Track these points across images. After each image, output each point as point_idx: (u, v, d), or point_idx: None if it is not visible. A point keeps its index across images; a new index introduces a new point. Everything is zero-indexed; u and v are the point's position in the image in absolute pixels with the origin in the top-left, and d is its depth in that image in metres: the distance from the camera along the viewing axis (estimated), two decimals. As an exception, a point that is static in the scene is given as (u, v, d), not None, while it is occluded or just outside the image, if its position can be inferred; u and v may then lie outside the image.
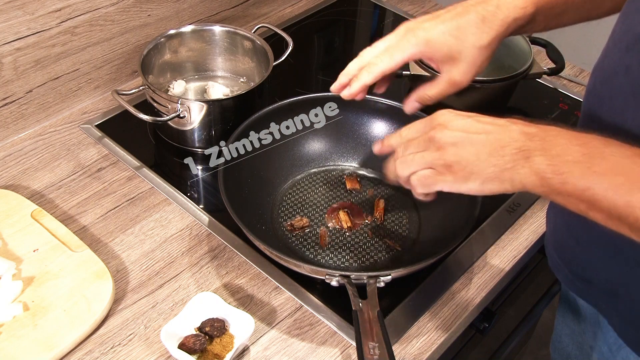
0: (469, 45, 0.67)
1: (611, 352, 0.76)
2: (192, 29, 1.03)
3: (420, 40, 0.68)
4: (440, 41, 0.68)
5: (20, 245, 0.77)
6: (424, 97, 0.73)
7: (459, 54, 0.68)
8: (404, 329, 0.74)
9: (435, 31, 0.68)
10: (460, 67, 0.69)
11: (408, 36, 0.69)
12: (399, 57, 0.69)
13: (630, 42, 0.59)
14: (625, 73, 0.59)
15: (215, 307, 0.71)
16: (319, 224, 0.85)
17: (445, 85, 0.71)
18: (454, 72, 0.69)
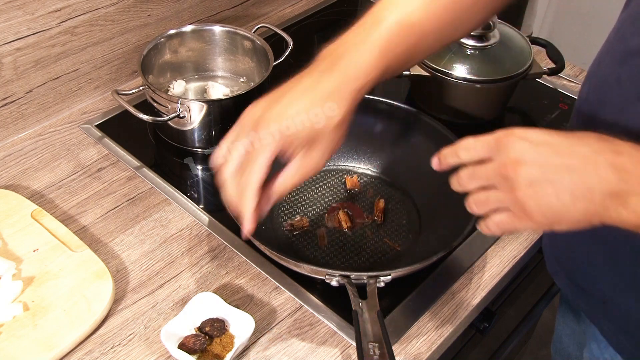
0: (324, 127, 0.60)
1: (600, 349, 0.76)
2: (192, 29, 1.03)
3: (276, 136, 0.60)
4: (297, 126, 0.60)
5: (20, 245, 0.77)
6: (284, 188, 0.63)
7: (316, 138, 0.61)
8: (404, 329, 0.74)
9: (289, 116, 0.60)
10: (317, 150, 0.62)
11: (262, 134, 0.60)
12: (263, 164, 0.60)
13: (623, 54, 0.59)
14: (616, 84, 0.59)
15: (215, 307, 0.71)
16: (319, 224, 0.85)
17: (303, 170, 0.62)
18: (311, 157, 0.62)
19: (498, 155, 0.52)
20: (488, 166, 0.53)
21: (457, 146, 0.56)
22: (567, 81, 1.14)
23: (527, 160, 0.50)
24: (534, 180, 0.50)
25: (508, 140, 0.52)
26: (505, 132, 0.52)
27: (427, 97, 1.04)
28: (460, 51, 0.99)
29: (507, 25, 1.05)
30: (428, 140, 0.88)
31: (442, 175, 0.86)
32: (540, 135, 0.51)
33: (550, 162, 0.50)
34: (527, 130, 0.52)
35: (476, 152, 0.54)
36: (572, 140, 0.50)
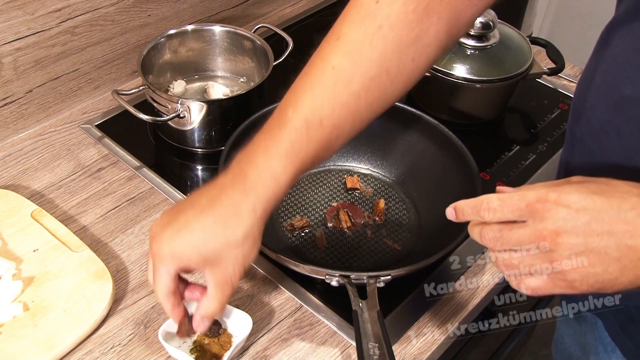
0: (222, 246, 0.58)
1: (606, 352, 0.76)
2: (192, 29, 1.03)
3: (167, 258, 0.59)
4: (188, 251, 0.58)
5: (20, 245, 0.77)
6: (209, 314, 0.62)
7: (217, 256, 0.58)
8: (404, 329, 0.74)
9: (179, 241, 0.58)
10: (223, 268, 0.59)
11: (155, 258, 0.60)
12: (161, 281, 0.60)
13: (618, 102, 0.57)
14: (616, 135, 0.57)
15: None
16: (319, 224, 0.85)
17: (218, 290, 0.61)
18: (220, 275, 0.60)
19: (532, 223, 0.47)
20: (521, 233, 0.48)
21: (480, 204, 0.51)
22: (567, 81, 1.14)
23: (567, 230, 0.46)
24: (576, 251, 0.46)
25: (544, 208, 0.47)
26: (538, 197, 0.47)
27: (427, 97, 1.04)
28: (460, 51, 0.99)
29: (507, 25, 1.05)
30: (428, 140, 0.88)
31: (442, 175, 0.86)
32: (578, 199, 0.46)
33: (594, 230, 0.45)
34: (562, 192, 0.47)
35: (503, 215, 0.49)
36: (615, 202, 0.46)
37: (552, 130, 1.03)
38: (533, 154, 0.99)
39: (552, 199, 0.47)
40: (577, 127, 0.65)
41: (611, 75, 0.58)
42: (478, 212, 0.51)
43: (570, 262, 0.46)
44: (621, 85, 0.56)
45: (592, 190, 0.47)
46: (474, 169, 0.80)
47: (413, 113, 0.89)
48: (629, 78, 0.56)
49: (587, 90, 0.63)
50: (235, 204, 0.58)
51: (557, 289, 0.48)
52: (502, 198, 0.49)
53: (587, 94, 0.63)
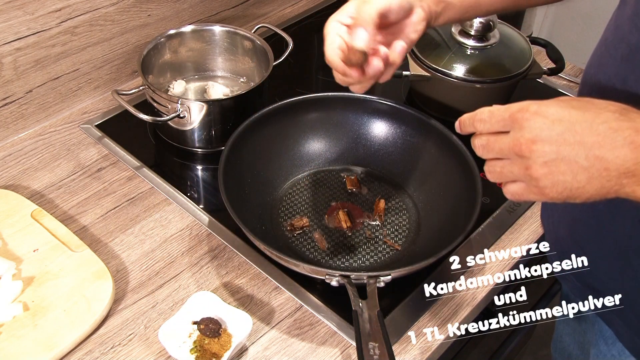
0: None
1: (607, 345, 0.76)
2: (192, 29, 1.03)
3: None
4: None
5: (20, 245, 0.77)
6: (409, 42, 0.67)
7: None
8: (404, 329, 0.74)
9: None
10: None
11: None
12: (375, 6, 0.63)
13: (625, 52, 0.58)
14: (622, 85, 0.59)
15: (213, 306, 0.71)
16: (319, 224, 0.85)
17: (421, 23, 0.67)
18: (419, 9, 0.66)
19: (512, 131, 0.51)
20: (502, 141, 0.52)
21: (474, 116, 0.55)
22: (567, 81, 1.14)
23: (542, 138, 0.49)
24: (548, 159, 0.49)
25: (523, 117, 0.50)
26: (520, 107, 0.51)
27: (427, 97, 1.04)
28: (460, 51, 0.99)
29: (507, 25, 1.05)
30: (428, 140, 0.88)
31: (442, 176, 0.86)
32: (556, 111, 0.49)
33: (566, 139, 0.48)
34: (542, 104, 0.50)
35: (491, 125, 0.53)
36: (589, 115, 0.48)
37: (552, 130, 1.03)
38: (533, 154, 0.98)
39: (532, 109, 0.50)
40: (585, 88, 0.65)
41: (621, 28, 0.59)
42: (473, 123, 0.56)
43: (542, 168, 0.49)
44: (630, 35, 0.57)
45: (572, 105, 0.50)
46: (474, 169, 0.80)
47: (413, 113, 0.89)
48: (636, 27, 0.57)
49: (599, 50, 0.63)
50: None
51: (531, 195, 0.51)
52: (491, 110, 0.54)
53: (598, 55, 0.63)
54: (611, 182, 0.47)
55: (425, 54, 0.99)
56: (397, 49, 0.66)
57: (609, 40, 0.62)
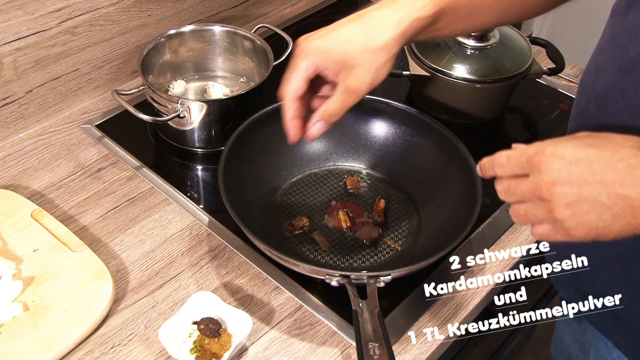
0: (362, 49, 0.63)
1: (607, 348, 0.76)
2: (192, 29, 1.03)
3: (310, 52, 0.64)
4: (331, 48, 0.63)
5: (20, 245, 0.77)
6: (326, 115, 0.66)
7: (354, 59, 0.63)
8: (404, 329, 0.74)
9: (326, 39, 0.64)
10: (355, 73, 0.63)
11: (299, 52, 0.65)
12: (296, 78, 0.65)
13: (624, 64, 0.58)
14: (622, 96, 0.59)
15: (212, 306, 0.71)
16: (319, 224, 0.85)
17: (343, 96, 0.65)
18: (349, 80, 0.64)
19: (532, 175, 0.51)
20: (523, 185, 0.52)
21: (493, 160, 0.55)
22: (567, 81, 1.14)
23: (562, 180, 0.49)
24: (570, 201, 0.48)
25: (540, 160, 0.50)
26: (536, 150, 0.51)
27: (427, 97, 1.04)
28: (460, 51, 0.99)
29: (507, 25, 1.05)
30: (428, 140, 0.88)
31: (442, 176, 0.86)
32: (572, 151, 0.49)
33: (586, 180, 0.48)
34: (558, 145, 0.50)
35: (510, 169, 0.53)
36: (607, 154, 0.48)
37: (552, 130, 1.03)
38: (533, 154, 0.98)
39: (548, 152, 0.50)
40: (582, 98, 0.65)
41: (619, 39, 0.59)
42: (492, 167, 0.55)
43: (566, 211, 0.49)
44: (629, 47, 0.57)
45: (588, 143, 0.50)
46: (474, 169, 0.80)
47: (413, 113, 0.89)
48: (636, 38, 0.57)
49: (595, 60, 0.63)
50: (383, 18, 0.64)
51: (558, 236, 0.51)
52: (508, 154, 0.53)
53: (595, 64, 0.63)
54: (637, 218, 0.47)
55: (425, 54, 0.99)
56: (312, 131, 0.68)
57: (606, 51, 0.62)
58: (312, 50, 0.64)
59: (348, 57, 0.63)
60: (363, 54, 0.63)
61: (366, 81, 0.64)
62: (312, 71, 0.65)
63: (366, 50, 0.63)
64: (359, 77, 0.63)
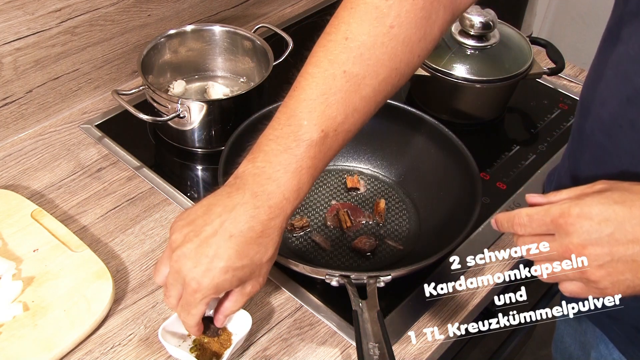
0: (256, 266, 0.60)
1: (607, 348, 0.76)
2: (192, 29, 1.03)
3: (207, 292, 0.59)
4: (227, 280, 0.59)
5: (20, 245, 0.77)
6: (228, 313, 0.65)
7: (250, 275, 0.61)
8: (404, 329, 0.74)
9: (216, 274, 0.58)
10: (254, 281, 0.62)
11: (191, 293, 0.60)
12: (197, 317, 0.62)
13: (631, 94, 0.57)
14: (630, 127, 0.58)
15: (212, 305, 0.71)
16: (319, 224, 0.85)
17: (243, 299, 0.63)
18: (248, 288, 0.62)
19: (559, 237, 0.50)
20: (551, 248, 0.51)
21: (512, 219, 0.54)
22: (567, 81, 1.14)
23: (592, 242, 0.48)
24: (603, 262, 0.48)
25: (566, 222, 0.49)
26: (561, 212, 0.50)
27: (427, 97, 1.04)
28: (460, 51, 0.99)
29: (507, 25, 1.05)
30: (428, 140, 0.88)
31: (442, 176, 0.86)
32: (600, 210, 0.48)
33: (618, 240, 0.47)
34: (584, 205, 0.49)
35: (532, 230, 0.52)
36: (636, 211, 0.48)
37: (552, 130, 1.03)
38: (533, 154, 0.99)
39: (574, 213, 0.49)
40: (586, 123, 0.64)
41: (623, 67, 0.58)
42: (512, 226, 0.54)
43: (599, 272, 0.48)
44: (635, 77, 0.57)
45: (614, 200, 0.49)
46: (474, 169, 0.80)
47: (413, 113, 0.89)
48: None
49: (596, 85, 0.63)
50: (264, 225, 0.58)
51: (591, 294, 0.51)
52: (529, 214, 0.52)
53: (596, 89, 0.63)
54: None
55: (425, 54, 0.99)
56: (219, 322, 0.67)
57: (609, 78, 0.61)
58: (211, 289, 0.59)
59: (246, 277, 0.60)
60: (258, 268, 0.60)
61: (263, 280, 0.63)
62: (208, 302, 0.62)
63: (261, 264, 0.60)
64: (258, 282, 0.62)
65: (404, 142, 0.90)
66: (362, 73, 0.60)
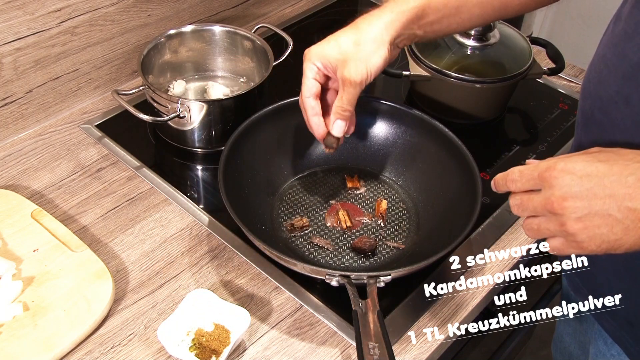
0: (352, 44, 0.71)
1: (606, 345, 0.76)
2: (192, 29, 1.03)
3: (312, 56, 0.73)
4: (327, 49, 0.72)
5: (20, 245, 0.77)
6: (339, 111, 0.74)
7: (346, 55, 0.71)
8: (404, 329, 0.74)
9: (323, 44, 0.73)
10: (348, 66, 0.70)
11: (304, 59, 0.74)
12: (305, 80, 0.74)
13: (627, 71, 0.58)
14: (625, 103, 0.59)
15: (209, 303, 0.71)
16: (318, 224, 0.85)
17: (343, 89, 0.72)
18: (345, 73, 0.71)
19: (543, 190, 0.52)
20: (535, 200, 0.53)
21: (506, 176, 0.56)
22: (567, 81, 1.14)
23: (572, 195, 0.50)
24: (581, 215, 0.49)
25: (551, 175, 0.51)
26: (547, 166, 0.52)
27: (427, 97, 1.04)
28: (460, 51, 0.99)
29: (507, 25, 1.05)
30: (428, 140, 0.88)
31: (442, 176, 0.86)
32: (583, 166, 0.50)
33: (596, 194, 0.49)
34: (569, 160, 0.51)
35: (522, 185, 0.54)
36: (617, 168, 0.49)
37: (552, 130, 1.03)
38: (533, 154, 0.99)
39: (559, 167, 0.51)
40: (587, 103, 0.65)
41: (621, 46, 0.59)
42: (506, 183, 0.56)
43: (577, 224, 0.50)
44: (630, 54, 0.58)
45: (598, 158, 0.51)
46: (474, 169, 0.80)
47: (413, 113, 0.89)
48: (637, 45, 0.57)
49: (597, 66, 0.64)
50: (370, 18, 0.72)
51: (571, 249, 0.52)
52: (520, 170, 0.55)
53: (596, 70, 0.64)
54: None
55: (425, 54, 0.99)
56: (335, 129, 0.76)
57: (608, 57, 0.62)
58: (314, 54, 0.73)
59: (341, 53, 0.71)
60: (353, 48, 0.70)
61: (358, 70, 0.70)
62: (317, 71, 0.74)
63: (356, 44, 0.70)
64: (351, 68, 0.70)
65: (404, 142, 0.90)
66: None
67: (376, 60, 0.71)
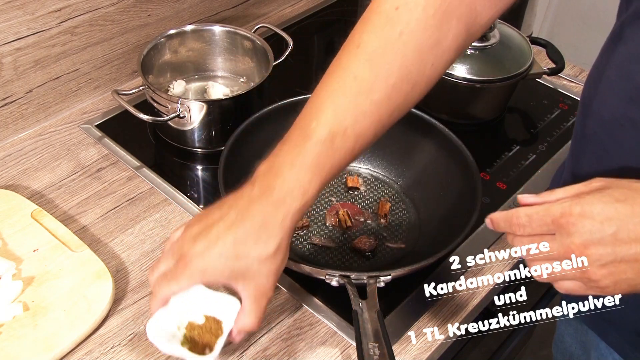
0: (254, 261, 0.59)
1: (609, 348, 0.76)
2: (192, 29, 1.03)
3: (194, 272, 0.60)
4: (218, 268, 0.59)
5: (20, 245, 0.77)
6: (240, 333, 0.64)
7: (249, 272, 0.59)
8: (404, 329, 0.74)
9: (210, 258, 0.59)
10: (257, 283, 0.60)
11: (181, 267, 0.60)
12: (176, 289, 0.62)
13: (634, 94, 0.57)
14: (632, 126, 0.58)
15: (197, 295, 0.70)
16: (318, 223, 0.85)
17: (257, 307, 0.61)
18: (252, 291, 0.61)
19: (560, 237, 0.49)
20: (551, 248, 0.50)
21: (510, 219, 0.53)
22: (567, 81, 1.14)
23: (594, 242, 0.47)
24: (606, 262, 0.47)
25: (568, 222, 0.48)
26: (562, 212, 0.49)
27: (427, 97, 1.03)
28: (460, 51, 0.99)
29: (507, 25, 1.05)
30: (428, 140, 0.88)
31: (442, 176, 0.86)
32: (602, 209, 0.47)
33: (621, 239, 0.47)
34: (585, 203, 0.48)
35: (532, 230, 0.51)
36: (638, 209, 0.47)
37: (552, 130, 1.03)
38: (533, 154, 0.99)
39: (576, 212, 0.48)
40: (588, 122, 0.65)
41: (625, 67, 0.58)
42: (510, 226, 0.53)
43: (601, 271, 0.48)
44: (637, 76, 0.57)
45: (616, 198, 0.48)
46: (474, 169, 0.80)
47: (413, 113, 0.88)
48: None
49: (597, 85, 0.63)
50: (265, 217, 0.58)
51: (590, 291, 0.50)
52: (529, 214, 0.51)
53: (597, 89, 0.63)
54: None
55: (425, 54, 0.99)
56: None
57: (612, 78, 0.61)
58: (198, 271, 0.60)
59: (242, 270, 0.59)
60: (257, 264, 0.59)
61: (270, 284, 0.61)
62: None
63: (260, 260, 0.59)
64: (262, 284, 0.60)
65: (404, 142, 0.90)
66: (371, 78, 0.60)
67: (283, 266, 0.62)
